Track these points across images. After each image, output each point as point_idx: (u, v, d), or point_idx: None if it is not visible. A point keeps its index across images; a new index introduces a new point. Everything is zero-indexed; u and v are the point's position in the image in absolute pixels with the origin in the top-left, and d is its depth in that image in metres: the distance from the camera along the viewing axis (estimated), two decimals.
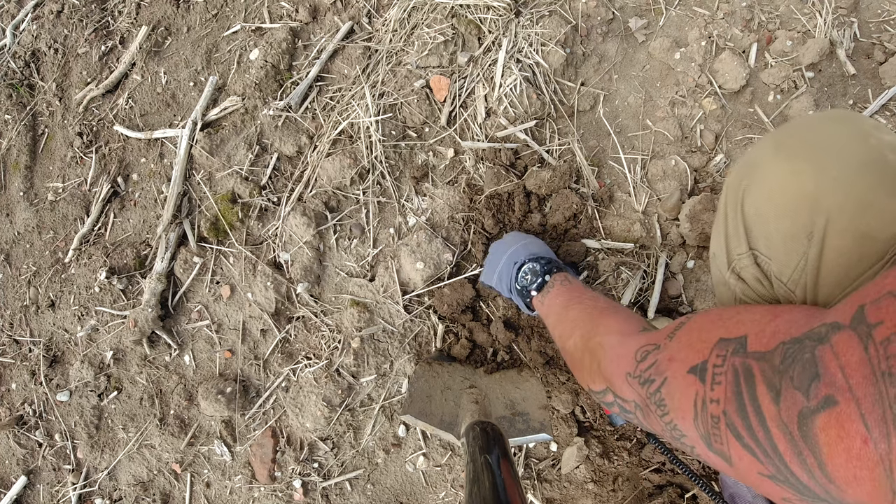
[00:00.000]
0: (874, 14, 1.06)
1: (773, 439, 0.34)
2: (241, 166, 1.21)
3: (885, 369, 0.28)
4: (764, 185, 0.52)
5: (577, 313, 0.74)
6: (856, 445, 0.29)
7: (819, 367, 0.32)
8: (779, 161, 0.50)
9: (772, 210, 0.51)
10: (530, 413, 0.92)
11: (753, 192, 0.53)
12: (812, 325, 0.35)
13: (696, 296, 1.02)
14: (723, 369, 0.40)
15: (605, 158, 1.11)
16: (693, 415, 0.43)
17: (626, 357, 0.56)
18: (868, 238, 0.45)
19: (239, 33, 1.36)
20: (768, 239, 0.53)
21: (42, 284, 1.38)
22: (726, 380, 0.39)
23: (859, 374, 0.29)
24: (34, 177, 1.50)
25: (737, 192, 0.55)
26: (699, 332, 0.47)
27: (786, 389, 0.34)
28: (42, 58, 1.57)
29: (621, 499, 0.98)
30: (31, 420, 1.32)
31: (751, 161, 0.55)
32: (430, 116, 1.16)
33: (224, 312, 1.20)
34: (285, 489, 1.11)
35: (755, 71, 1.08)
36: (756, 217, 0.54)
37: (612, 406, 0.62)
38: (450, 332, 1.09)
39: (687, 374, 0.44)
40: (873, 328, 0.29)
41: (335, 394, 1.09)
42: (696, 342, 0.46)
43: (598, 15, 1.14)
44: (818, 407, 0.31)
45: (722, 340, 0.43)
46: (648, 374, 0.51)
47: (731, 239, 0.58)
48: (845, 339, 0.31)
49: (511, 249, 0.93)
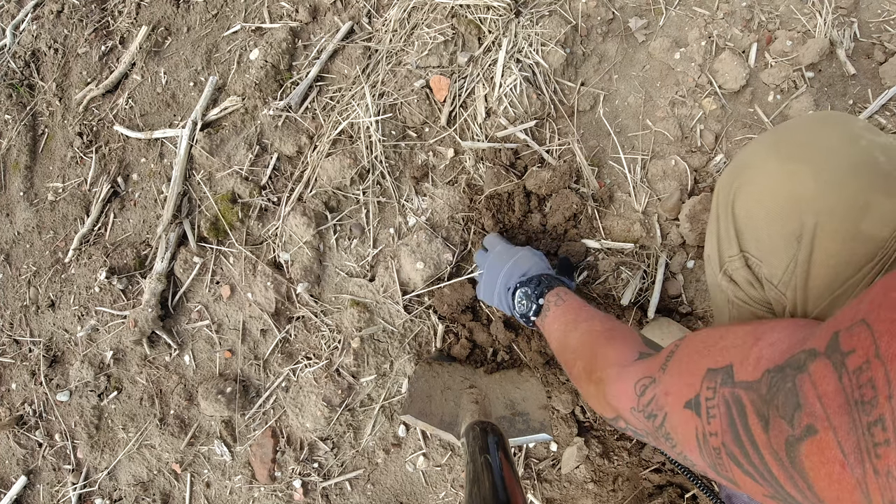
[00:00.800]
0: (874, 14, 1.06)
1: (767, 465, 0.36)
2: (241, 166, 1.21)
3: (857, 398, 0.29)
4: (754, 188, 0.52)
5: (576, 342, 0.74)
6: (836, 470, 0.30)
7: (800, 396, 0.33)
8: (769, 163, 0.50)
9: (762, 212, 0.51)
10: (530, 413, 0.92)
11: (744, 194, 0.53)
12: (793, 350, 0.37)
13: (696, 296, 1.02)
14: (714, 402, 0.42)
15: (605, 158, 1.11)
16: (698, 448, 0.44)
17: (627, 392, 0.57)
18: (858, 240, 0.46)
19: (239, 33, 1.36)
20: (759, 241, 0.53)
21: (42, 284, 1.38)
22: (720, 412, 0.41)
23: (835, 403, 0.30)
24: (34, 177, 1.50)
25: (728, 194, 0.56)
26: (688, 363, 0.49)
27: (773, 418, 0.35)
28: (42, 58, 1.57)
29: (621, 499, 0.98)
30: (31, 420, 1.32)
31: (741, 163, 0.55)
32: (430, 116, 1.16)
33: (224, 312, 1.20)
34: (285, 489, 1.11)
35: (755, 71, 1.08)
36: (746, 219, 0.54)
37: (626, 430, 0.63)
38: (450, 332, 1.09)
39: (684, 409, 0.46)
40: (846, 357, 0.31)
41: (335, 394, 1.09)
42: (687, 374, 0.47)
43: (598, 15, 1.14)
44: (802, 435, 0.33)
45: (710, 371, 0.44)
46: (651, 409, 0.52)
47: (722, 241, 0.58)
48: (821, 369, 0.32)
49: (504, 270, 0.92)
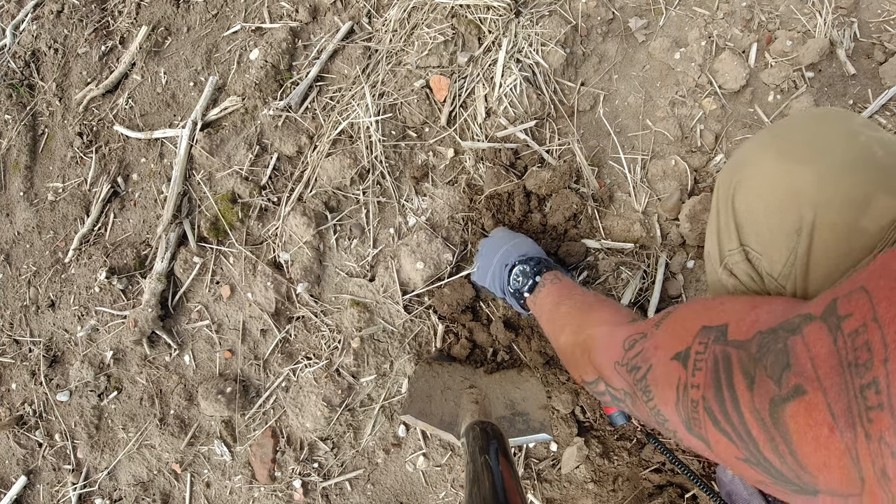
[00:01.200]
0: (874, 14, 1.06)
1: (746, 424, 0.35)
2: (241, 166, 1.21)
3: (851, 360, 0.28)
4: (754, 182, 0.53)
5: (568, 309, 0.76)
6: (823, 434, 0.29)
7: (790, 356, 0.33)
8: (769, 158, 0.51)
9: (762, 206, 0.52)
10: (530, 413, 0.92)
11: (744, 188, 0.54)
12: (788, 315, 0.36)
13: (697, 296, 1.02)
14: (704, 356, 0.41)
15: (605, 158, 1.11)
16: (675, 400, 0.44)
17: (615, 346, 0.57)
18: (856, 232, 0.46)
19: (239, 33, 1.36)
20: (758, 235, 0.54)
21: (42, 284, 1.38)
22: (706, 366, 0.40)
23: (827, 364, 0.30)
24: (34, 177, 1.50)
25: (728, 189, 0.56)
26: (684, 320, 0.49)
27: (759, 377, 0.34)
28: (42, 58, 1.57)
29: (621, 499, 0.98)
30: (31, 420, 1.32)
31: (741, 158, 0.55)
32: (430, 116, 1.16)
33: (224, 312, 1.20)
34: (285, 489, 1.11)
35: (755, 71, 1.08)
36: (746, 213, 0.54)
37: (603, 395, 0.63)
38: (450, 332, 1.09)
39: (671, 360, 0.46)
40: (843, 320, 0.30)
41: (335, 394, 1.09)
42: (681, 330, 0.47)
43: (598, 15, 1.14)
44: (788, 395, 0.32)
45: (704, 328, 0.44)
46: (636, 362, 0.52)
47: (722, 235, 0.59)
48: (816, 331, 0.32)
49: (502, 250, 0.94)
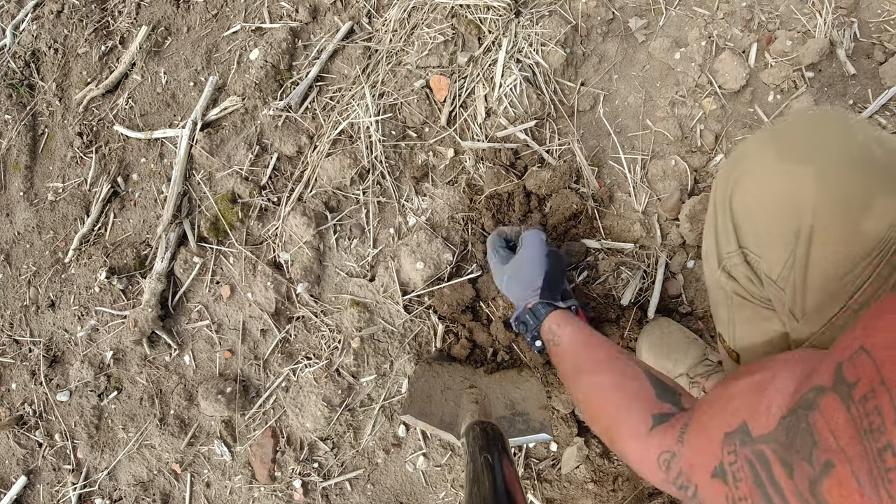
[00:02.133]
0: (874, 14, 1.06)
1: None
2: (241, 166, 1.21)
3: (866, 426, 0.30)
4: (752, 183, 0.52)
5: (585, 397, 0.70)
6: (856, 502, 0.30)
7: (815, 434, 0.34)
8: (767, 160, 0.50)
9: (760, 208, 0.51)
10: (530, 413, 0.92)
11: (741, 189, 0.53)
12: (800, 390, 0.37)
13: (696, 296, 1.02)
14: (738, 465, 0.42)
15: (605, 158, 1.11)
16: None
17: (651, 467, 0.57)
18: (855, 236, 0.46)
19: (239, 33, 1.36)
20: (757, 237, 0.53)
21: (42, 284, 1.38)
22: (745, 474, 0.41)
23: (847, 434, 0.31)
24: (34, 177, 1.50)
25: (725, 189, 0.55)
26: (704, 431, 0.49)
27: (796, 463, 0.36)
28: (42, 58, 1.57)
29: (621, 499, 0.98)
30: (31, 420, 1.32)
31: (738, 158, 0.55)
32: (430, 116, 1.16)
33: (224, 312, 1.20)
34: (285, 489, 1.11)
35: (755, 71, 1.08)
36: (745, 214, 0.54)
37: None
38: (450, 332, 1.09)
39: (711, 479, 0.46)
40: (852, 388, 0.31)
41: (335, 394, 1.09)
42: (706, 443, 0.47)
43: (598, 15, 1.14)
44: (821, 472, 0.33)
45: (727, 436, 0.44)
46: (680, 483, 0.52)
47: (720, 236, 0.58)
48: (830, 403, 0.33)
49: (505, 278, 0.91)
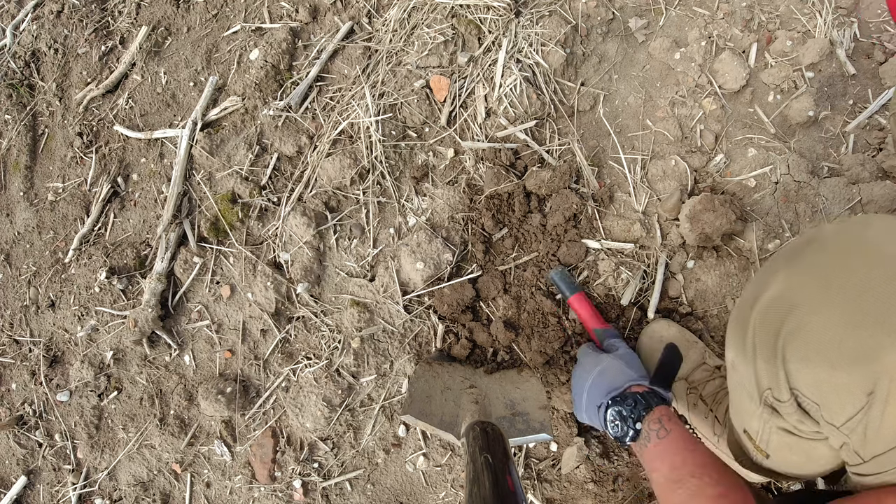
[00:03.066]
0: (874, 14, 1.07)
1: None
2: (241, 166, 1.21)
3: None
4: (813, 335, 0.49)
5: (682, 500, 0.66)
6: None
7: None
8: (831, 308, 0.47)
9: (824, 361, 0.48)
10: (530, 413, 0.92)
11: (799, 341, 0.50)
12: None
13: (696, 296, 1.02)
14: None
15: (605, 158, 1.11)
16: None
17: None
18: None
19: (239, 33, 1.36)
20: (817, 387, 0.50)
21: (42, 284, 1.38)
22: None
23: None
24: (34, 177, 1.50)
25: (771, 334, 0.52)
26: None
27: None
28: (42, 58, 1.57)
29: (621, 499, 0.98)
30: (31, 420, 1.32)
31: (788, 302, 0.51)
32: (430, 116, 1.16)
33: (224, 312, 1.20)
34: (285, 489, 1.11)
35: (755, 71, 1.08)
36: (802, 363, 0.50)
37: None
38: (450, 332, 1.09)
39: None
40: None
41: (335, 394, 1.09)
42: None
43: (598, 15, 1.14)
44: None
45: None
46: None
47: (762, 376, 0.55)
48: None
49: (588, 385, 0.84)
